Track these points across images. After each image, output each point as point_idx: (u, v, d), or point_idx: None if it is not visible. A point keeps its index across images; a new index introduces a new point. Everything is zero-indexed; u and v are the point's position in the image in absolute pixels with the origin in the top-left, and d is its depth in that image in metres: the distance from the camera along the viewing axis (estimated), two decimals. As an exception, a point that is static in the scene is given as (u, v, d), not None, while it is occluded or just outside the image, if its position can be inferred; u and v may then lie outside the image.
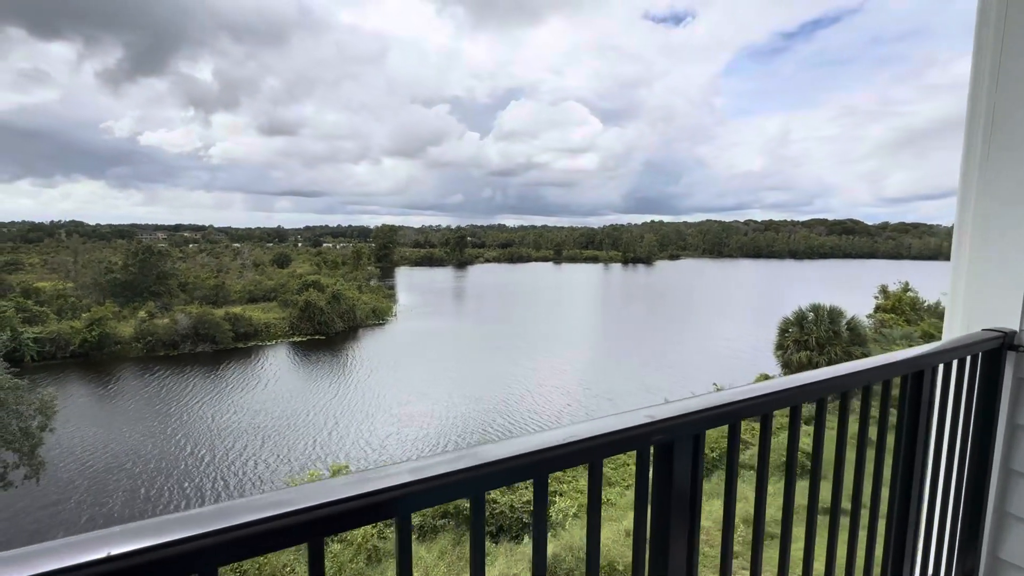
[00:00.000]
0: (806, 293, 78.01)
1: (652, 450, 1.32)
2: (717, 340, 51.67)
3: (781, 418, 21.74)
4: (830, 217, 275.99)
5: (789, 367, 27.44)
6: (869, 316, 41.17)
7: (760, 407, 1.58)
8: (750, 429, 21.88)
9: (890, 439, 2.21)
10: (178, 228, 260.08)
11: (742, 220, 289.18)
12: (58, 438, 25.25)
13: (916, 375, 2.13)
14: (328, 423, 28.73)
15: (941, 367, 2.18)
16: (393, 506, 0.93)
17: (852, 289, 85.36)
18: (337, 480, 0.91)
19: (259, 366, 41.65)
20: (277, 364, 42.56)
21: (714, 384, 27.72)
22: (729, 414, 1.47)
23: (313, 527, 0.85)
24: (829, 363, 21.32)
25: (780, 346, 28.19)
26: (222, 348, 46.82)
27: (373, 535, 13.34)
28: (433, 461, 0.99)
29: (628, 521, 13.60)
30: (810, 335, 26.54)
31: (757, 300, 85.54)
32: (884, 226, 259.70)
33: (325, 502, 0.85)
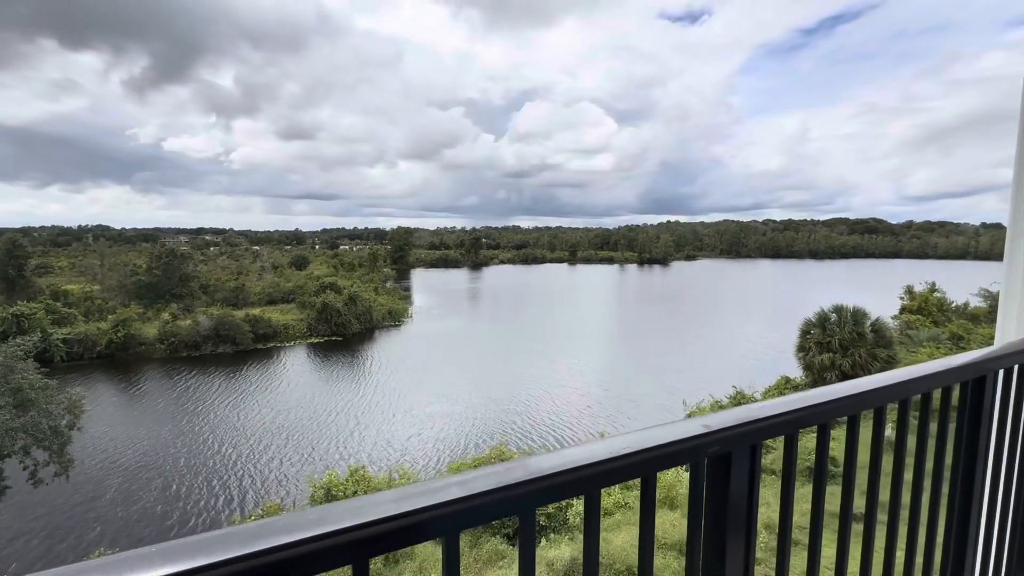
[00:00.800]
0: (827, 294, 76.38)
1: (706, 461, 1.25)
2: (738, 341, 50.86)
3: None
4: (851, 216, 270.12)
5: (811, 369, 26.84)
6: (894, 317, 40.13)
7: (820, 416, 1.51)
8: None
9: (931, 446, 2.02)
10: (200, 231, 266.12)
11: (760, 220, 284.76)
12: (91, 437, 25.95)
13: (977, 381, 2.01)
14: (349, 423, 29.00)
15: (1001, 372, 2.05)
16: (441, 524, 0.88)
17: (875, 290, 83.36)
18: (382, 496, 0.86)
19: (279, 367, 42.25)
20: (297, 365, 43.12)
21: (734, 387, 27.23)
22: (789, 423, 1.41)
23: (359, 547, 0.81)
24: (853, 366, 20.71)
25: (801, 348, 27.57)
26: (242, 349, 47.64)
27: (391, 536, 13.40)
28: (480, 475, 0.94)
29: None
30: (833, 337, 25.90)
31: (777, 301, 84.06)
32: (908, 225, 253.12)
33: (370, 520, 0.81)
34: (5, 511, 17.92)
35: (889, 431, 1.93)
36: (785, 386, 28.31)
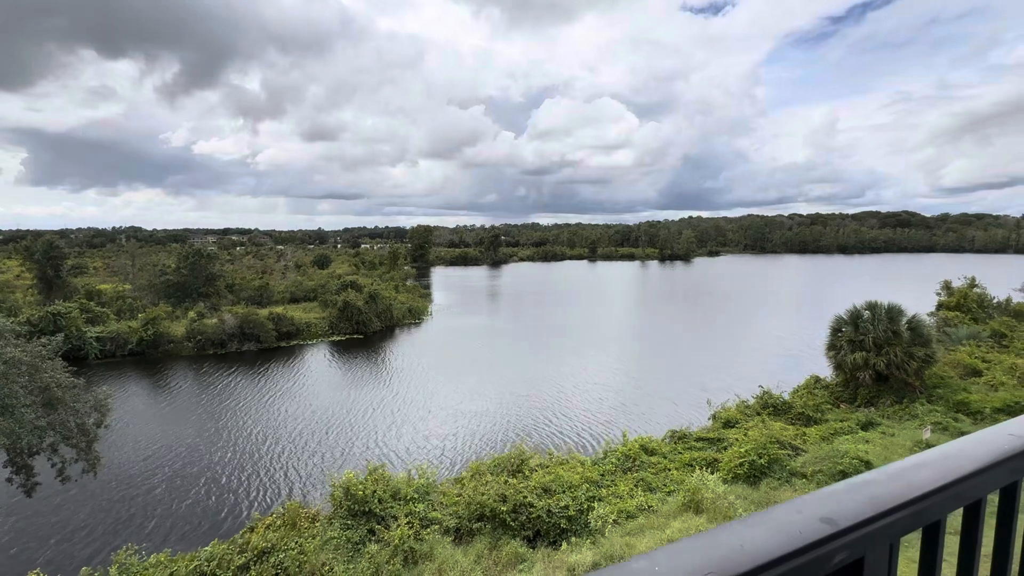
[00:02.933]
0: (858, 290, 73.81)
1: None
2: (766, 338, 49.51)
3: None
4: (882, 209, 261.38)
5: (842, 369, 25.82)
6: (931, 314, 38.45)
7: (972, 488, 1.02)
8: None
9: None
10: (226, 232, 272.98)
11: (786, 214, 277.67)
12: (138, 432, 26.70)
13: None
14: (385, 420, 29.15)
15: None
16: None
17: (909, 285, 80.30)
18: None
19: (303, 364, 42.81)
20: (320, 363, 43.64)
21: (760, 387, 26.34)
22: (936, 505, 0.96)
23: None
24: (888, 365, 19.72)
25: (832, 346, 26.56)
26: (266, 347, 48.46)
27: (410, 536, 13.25)
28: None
29: (671, 530, 12.99)
30: (866, 335, 24.85)
31: (805, 297, 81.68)
32: (944, 218, 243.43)
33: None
34: (67, 500, 18.55)
35: None
36: (815, 385, 27.32)
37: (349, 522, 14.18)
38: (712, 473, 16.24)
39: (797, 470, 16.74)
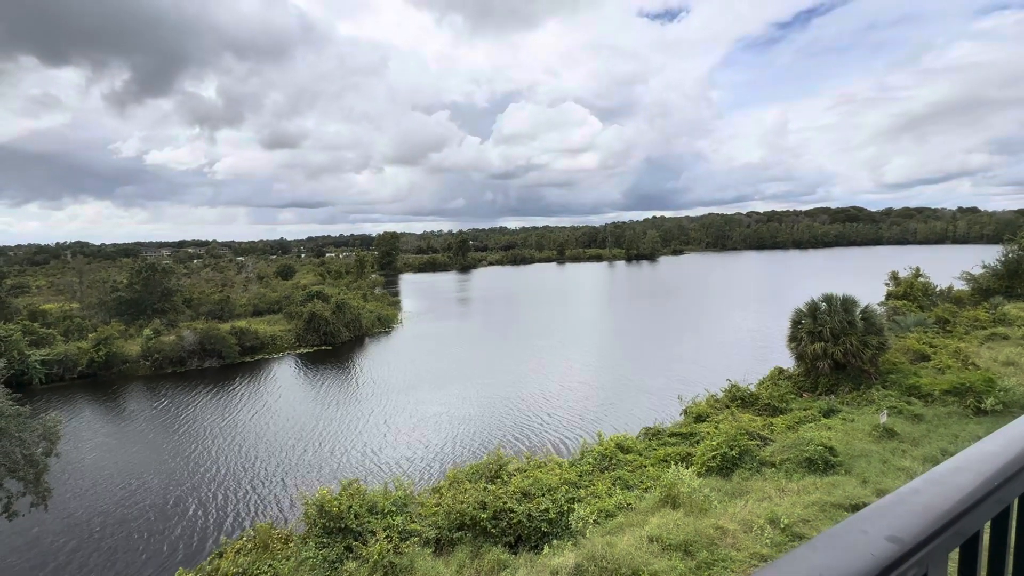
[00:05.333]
0: (814, 282, 77.16)
1: None
2: (732, 331, 51.06)
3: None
4: (832, 205, 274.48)
5: (803, 359, 26.87)
6: (881, 304, 40.51)
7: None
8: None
9: None
10: (182, 244, 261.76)
11: (744, 212, 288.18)
12: (89, 459, 25.05)
13: None
14: (359, 432, 28.41)
15: None
16: None
17: (860, 277, 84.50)
18: None
19: (269, 379, 41.39)
20: (286, 376, 42.29)
21: (728, 380, 27.12)
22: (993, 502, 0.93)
23: None
24: (844, 354, 20.66)
25: (793, 338, 27.61)
26: (229, 363, 46.64)
27: (389, 551, 12.95)
28: None
29: (650, 527, 13.16)
30: (824, 326, 25.96)
31: (765, 291, 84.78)
32: (888, 212, 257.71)
33: None
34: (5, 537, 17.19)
35: None
36: (779, 377, 28.33)
37: (325, 540, 13.76)
38: (687, 467, 16.59)
39: (767, 459, 17.28)
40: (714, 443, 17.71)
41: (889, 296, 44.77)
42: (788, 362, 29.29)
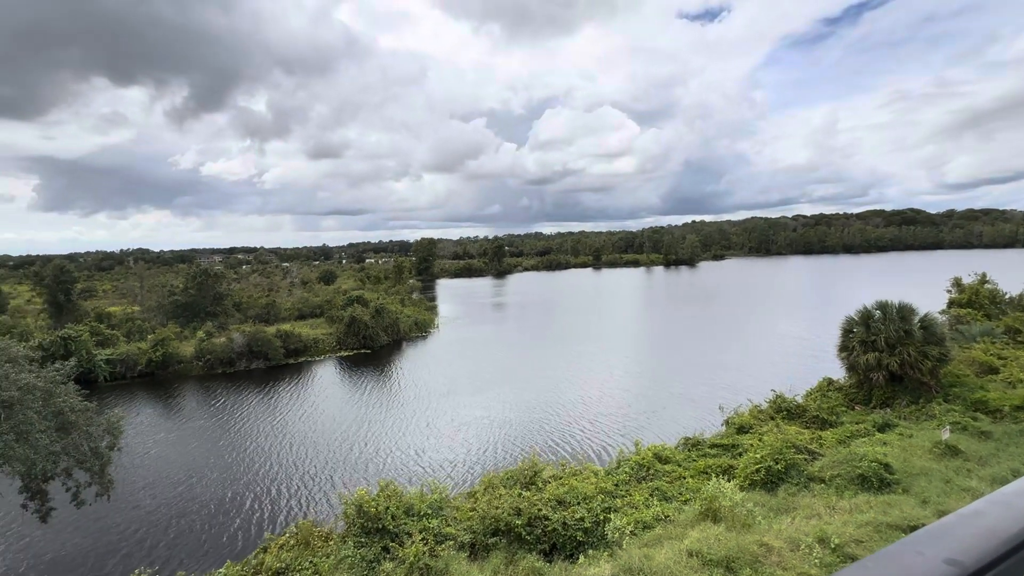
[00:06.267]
0: (867, 289, 73.16)
1: None
2: (777, 340, 49.07)
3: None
4: (887, 207, 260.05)
5: (855, 370, 25.50)
6: (942, 312, 38.00)
7: None
8: (816, 439, 20.36)
9: None
10: (232, 251, 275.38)
11: (789, 215, 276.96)
12: (148, 453, 26.69)
13: None
14: (396, 434, 29.02)
15: None
16: None
17: (918, 283, 79.53)
18: None
19: (313, 381, 42.80)
20: (330, 378, 43.61)
21: (773, 391, 26.04)
22: None
23: None
24: (901, 365, 19.47)
25: (844, 347, 26.25)
26: (274, 364, 48.55)
27: (425, 553, 13.09)
28: None
29: (689, 540, 12.76)
30: (878, 335, 24.56)
31: (813, 298, 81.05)
32: (949, 214, 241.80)
33: None
34: (70, 525, 18.55)
35: None
36: (828, 388, 26.99)
37: (363, 540, 14.05)
38: (728, 480, 16.00)
39: (815, 475, 16.46)
40: (758, 456, 17.02)
41: (951, 304, 41.92)
42: (838, 372, 27.88)
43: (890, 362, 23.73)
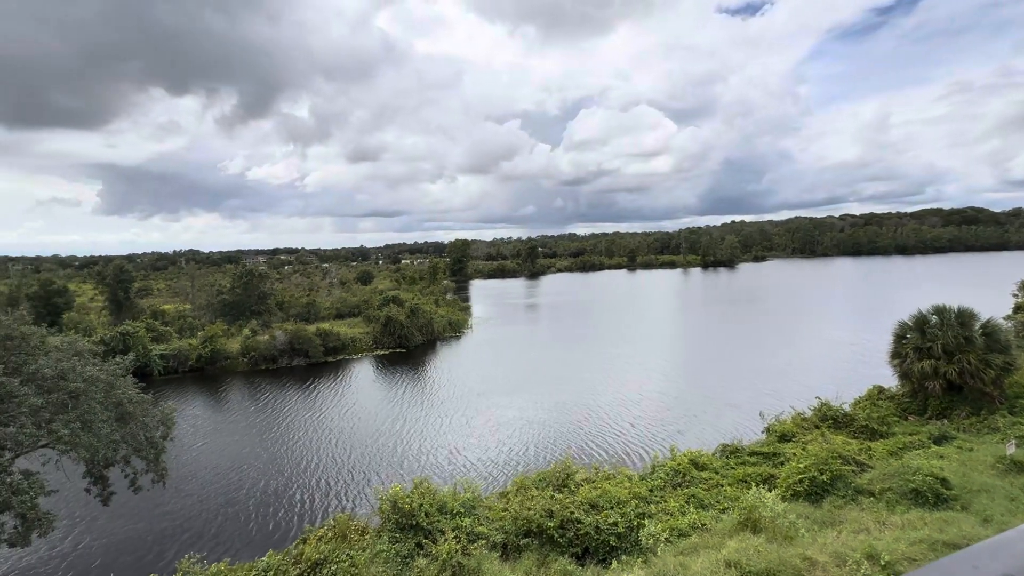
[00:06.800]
0: (921, 293, 69.08)
1: None
2: (831, 345, 46.94)
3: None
4: (945, 206, 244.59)
5: (909, 378, 24.11)
6: (1007, 318, 35.43)
7: None
8: (866, 449, 19.36)
9: None
10: (275, 252, 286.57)
11: (836, 215, 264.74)
12: (197, 445, 28.18)
13: None
14: (430, 432, 29.53)
15: None
16: None
17: (979, 287, 74.49)
18: None
19: (350, 378, 43.99)
20: (367, 376, 44.71)
21: (817, 398, 24.95)
22: None
23: None
24: (960, 374, 18.29)
25: (897, 354, 24.87)
26: (314, 362, 50.17)
27: (458, 551, 13.22)
28: None
29: (727, 550, 12.38)
30: (934, 342, 23.14)
31: (862, 302, 77.15)
32: (1016, 212, 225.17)
33: None
34: (127, 510, 19.82)
35: None
36: (879, 396, 25.63)
37: (397, 535, 14.31)
38: (769, 490, 15.43)
39: (864, 487, 15.66)
40: (801, 465, 16.35)
41: (1018, 309, 39.04)
42: (889, 380, 26.44)
43: (948, 370, 22.32)
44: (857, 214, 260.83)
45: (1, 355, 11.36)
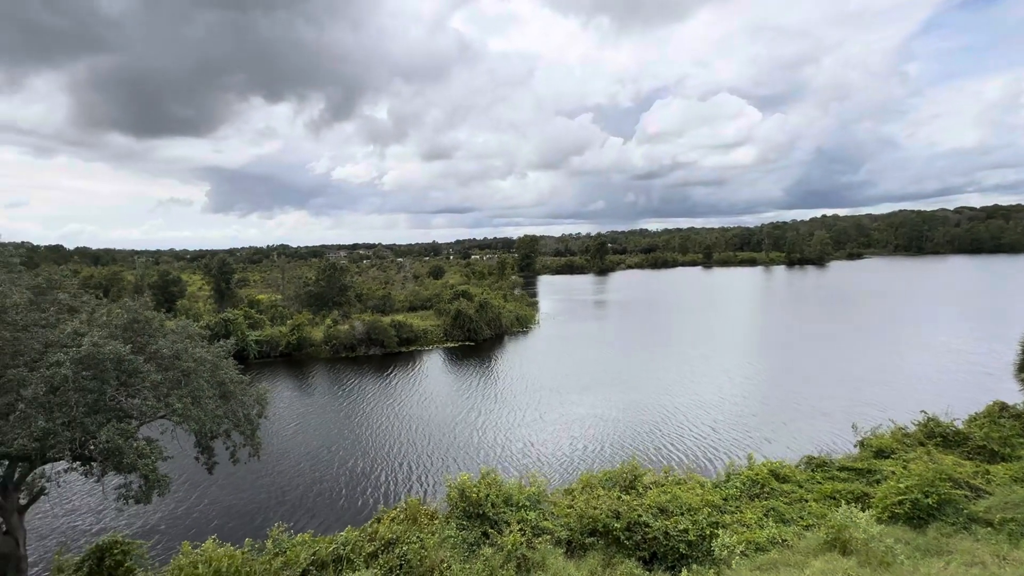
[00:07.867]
0: (1059, 297, 59.44)
1: None
2: (942, 354, 42.01)
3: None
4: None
5: (1041, 394, 20.95)
6: None
7: None
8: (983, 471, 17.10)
9: None
10: (355, 247, 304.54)
11: (951, 208, 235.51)
12: (286, 424, 30.86)
13: None
14: (497, 424, 30.21)
15: None
16: None
17: None
18: None
19: (423, 368, 45.82)
20: (438, 367, 46.35)
21: (923, 412, 22.37)
22: None
23: None
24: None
25: (1025, 366, 21.71)
26: (389, 351, 52.77)
27: (523, 543, 13.35)
28: None
29: (811, 571, 11.47)
30: (1076, 353, 19.91)
31: (983, 307, 68.01)
32: None
33: None
34: (223, 482, 22.20)
35: None
36: (1000, 414, 22.52)
37: (464, 523, 14.72)
38: (862, 509, 14.09)
39: (979, 515, 13.86)
40: (903, 486, 14.78)
41: None
42: (1015, 396, 23.16)
43: (1094, 388, 19.11)
44: (977, 206, 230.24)
45: (129, 336, 13.01)
